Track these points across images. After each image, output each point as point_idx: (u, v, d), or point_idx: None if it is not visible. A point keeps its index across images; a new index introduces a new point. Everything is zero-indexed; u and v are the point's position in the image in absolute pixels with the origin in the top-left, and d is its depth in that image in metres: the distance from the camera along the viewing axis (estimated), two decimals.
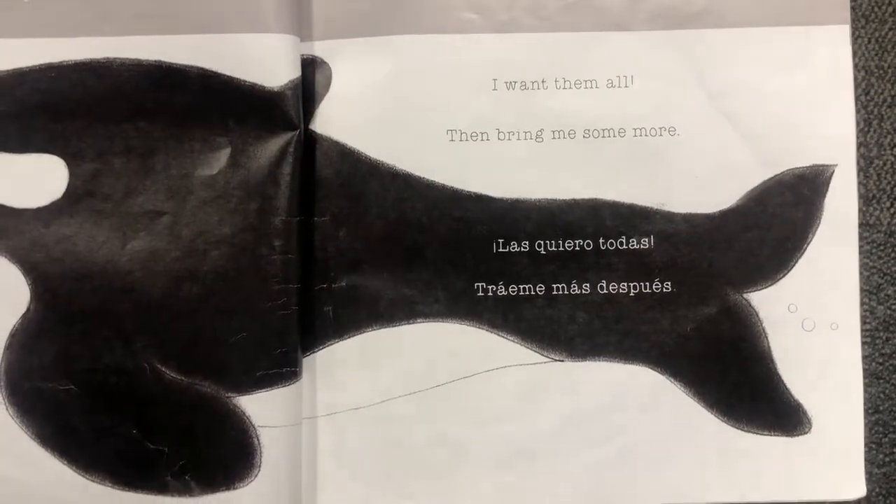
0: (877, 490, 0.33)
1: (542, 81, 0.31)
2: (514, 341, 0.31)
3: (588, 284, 0.31)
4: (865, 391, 0.33)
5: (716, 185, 0.31)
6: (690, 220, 0.31)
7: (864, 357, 0.32)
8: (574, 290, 0.31)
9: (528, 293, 0.31)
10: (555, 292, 0.31)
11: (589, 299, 0.31)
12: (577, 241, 0.31)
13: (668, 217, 0.31)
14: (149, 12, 0.30)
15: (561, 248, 0.31)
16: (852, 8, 0.33)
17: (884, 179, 0.33)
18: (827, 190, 0.31)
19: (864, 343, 0.32)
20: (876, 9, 0.33)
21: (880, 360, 0.33)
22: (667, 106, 0.31)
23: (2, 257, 0.31)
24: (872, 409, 0.33)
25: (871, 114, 0.33)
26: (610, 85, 0.31)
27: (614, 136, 0.31)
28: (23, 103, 0.31)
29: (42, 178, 0.31)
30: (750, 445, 0.31)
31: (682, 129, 0.31)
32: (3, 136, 0.31)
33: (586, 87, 0.31)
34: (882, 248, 0.33)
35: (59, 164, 0.31)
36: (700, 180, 0.31)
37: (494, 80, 0.31)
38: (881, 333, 0.33)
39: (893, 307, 0.33)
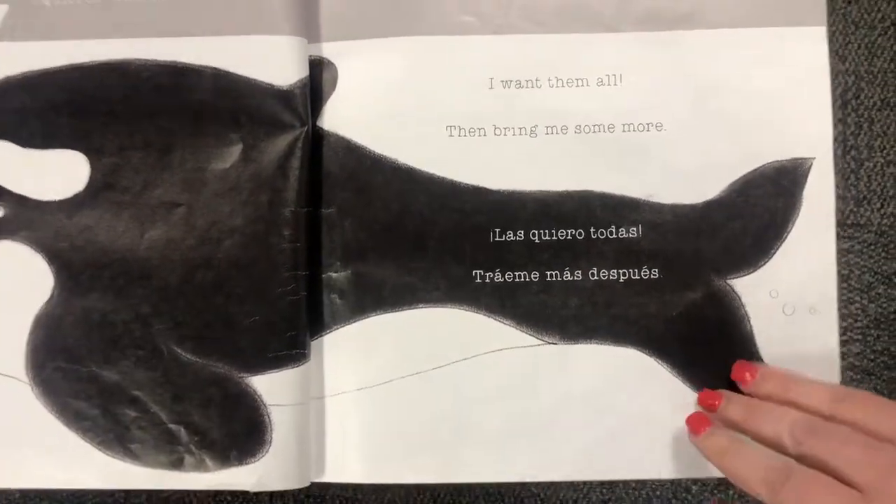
0: None
1: (536, 80, 0.33)
2: (510, 325, 0.33)
3: (580, 271, 0.33)
4: (858, 388, 0.34)
5: (700, 177, 0.33)
6: (676, 210, 0.33)
7: (856, 354, 0.34)
8: (567, 277, 0.33)
9: (523, 280, 0.33)
10: (549, 279, 0.33)
11: (581, 285, 0.33)
12: (569, 231, 0.33)
13: (656, 208, 0.33)
14: (165, 15, 0.32)
15: (554, 238, 0.33)
16: (843, 14, 0.34)
17: (874, 181, 0.34)
18: (805, 182, 0.33)
19: (855, 340, 0.34)
20: (865, 15, 0.34)
21: (871, 357, 0.34)
22: (654, 103, 0.33)
23: (27, 246, 0.32)
24: None
25: (861, 117, 0.34)
26: (600, 83, 0.33)
27: (604, 132, 0.33)
28: (48, 101, 0.32)
29: (65, 172, 0.32)
30: None
31: (668, 124, 0.33)
32: (28, 132, 0.32)
33: (578, 86, 0.33)
34: (873, 247, 0.34)
35: (81, 159, 0.32)
36: (685, 173, 0.33)
37: (491, 79, 0.33)
38: (872, 331, 0.34)
39: (884, 305, 0.34)
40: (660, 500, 0.34)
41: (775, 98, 0.33)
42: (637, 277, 0.33)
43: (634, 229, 0.33)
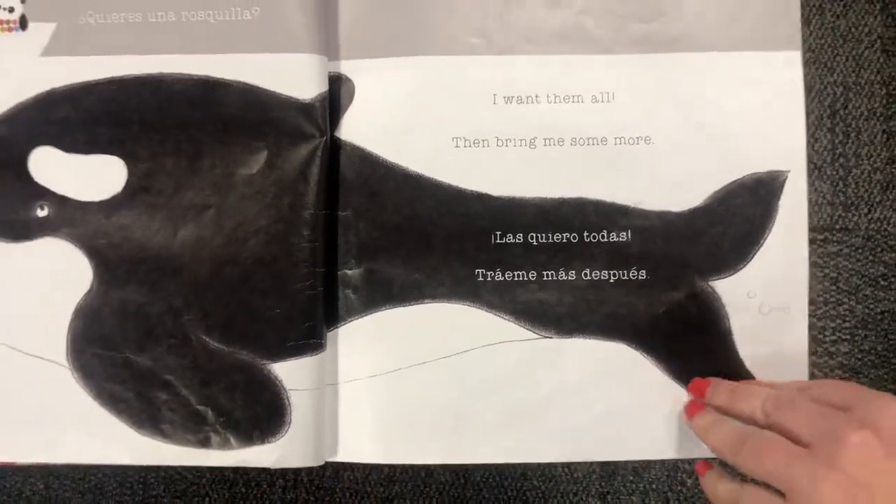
0: None
1: (536, 96, 0.36)
2: (509, 320, 0.35)
3: (574, 271, 0.35)
4: None
5: (685, 186, 0.35)
6: (663, 216, 0.35)
7: (845, 353, 0.35)
8: (562, 277, 0.35)
9: (521, 279, 0.35)
10: (545, 278, 0.35)
11: (575, 284, 0.35)
12: (564, 234, 0.35)
13: (644, 214, 0.35)
14: (198, 35, 0.35)
15: (551, 240, 0.35)
16: (831, 28, 0.36)
17: (861, 187, 0.36)
18: (781, 192, 0.35)
19: (844, 340, 0.35)
20: (853, 29, 0.36)
21: (859, 356, 0.36)
22: (644, 118, 0.35)
23: (69, 243, 0.35)
24: None
25: (849, 126, 0.36)
26: (594, 100, 0.36)
27: (597, 144, 0.35)
28: (89, 112, 0.35)
29: (104, 175, 0.35)
30: None
31: (656, 138, 0.35)
32: (71, 139, 0.35)
33: (573, 102, 0.36)
34: (860, 251, 0.36)
35: (119, 164, 0.35)
36: (671, 183, 0.35)
37: (494, 95, 0.36)
38: (860, 331, 0.36)
39: (871, 306, 0.36)
40: (656, 493, 0.36)
41: (755, 116, 0.35)
42: (626, 278, 0.35)
43: (624, 234, 0.35)
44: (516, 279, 0.35)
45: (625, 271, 0.35)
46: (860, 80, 0.36)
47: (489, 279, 0.35)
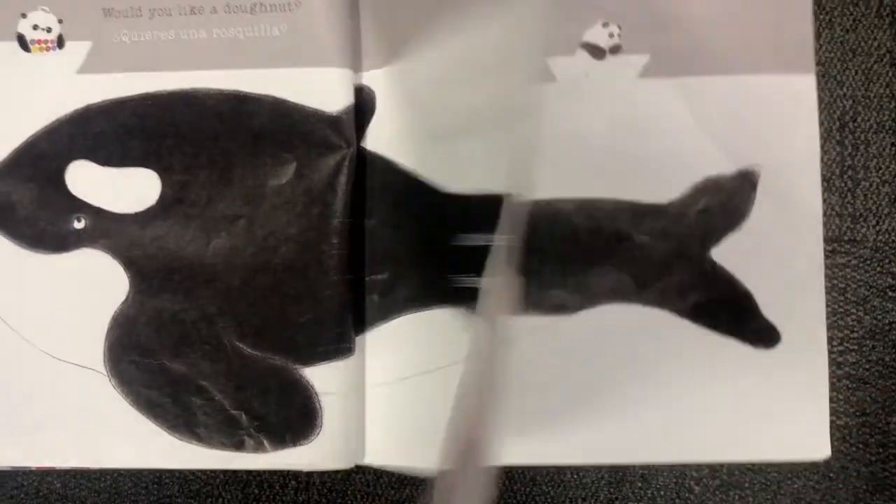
0: (864, 487, 0.36)
1: None
2: None
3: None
4: (853, 396, 0.36)
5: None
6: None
7: (852, 363, 0.36)
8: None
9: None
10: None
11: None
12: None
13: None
14: (229, 51, 0.36)
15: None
16: (840, 42, 0.36)
17: (870, 199, 0.36)
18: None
19: (851, 350, 0.36)
20: (862, 43, 0.37)
21: (867, 367, 0.36)
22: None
23: (106, 254, 0.36)
24: (860, 412, 0.36)
25: (858, 139, 0.36)
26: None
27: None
28: (124, 126, 0.36)
29: (139, 188, 0.36)
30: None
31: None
32: (107, 153, 0.36)
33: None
34: (868, 262, 0.36)
35: (153, 177, 0.36)
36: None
37: None
38: (867, 342, 0.36)
39: (879, 317, 0.36)
40: (664, 499, 0.36)
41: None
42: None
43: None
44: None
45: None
46: (869, 94, 0.36)
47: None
